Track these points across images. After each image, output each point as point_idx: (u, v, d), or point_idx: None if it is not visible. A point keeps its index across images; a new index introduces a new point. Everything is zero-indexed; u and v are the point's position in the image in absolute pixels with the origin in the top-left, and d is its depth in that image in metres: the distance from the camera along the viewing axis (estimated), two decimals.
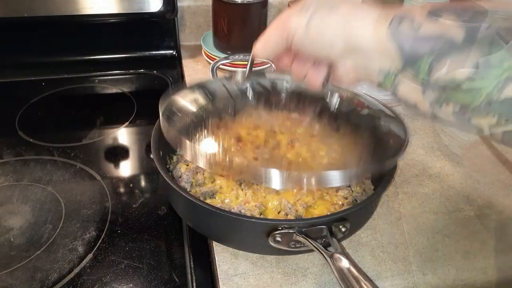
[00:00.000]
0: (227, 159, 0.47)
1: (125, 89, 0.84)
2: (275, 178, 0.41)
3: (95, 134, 0.72)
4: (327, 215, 0.48)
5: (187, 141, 0.45)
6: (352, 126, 0.65)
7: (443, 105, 0.34)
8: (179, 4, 0.89)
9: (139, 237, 0.53)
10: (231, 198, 0.53)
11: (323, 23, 0.36)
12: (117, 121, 0.75)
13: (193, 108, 0.56)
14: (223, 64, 0.80)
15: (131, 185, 0.61)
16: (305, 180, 0.43)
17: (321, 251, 0.42)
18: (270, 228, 0.44)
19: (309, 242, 0.43)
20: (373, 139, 0.59)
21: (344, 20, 0.36)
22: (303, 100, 0.69)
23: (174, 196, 0.52)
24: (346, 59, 0.37)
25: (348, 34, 0.35)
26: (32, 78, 0.85)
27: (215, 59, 0.81)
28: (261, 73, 0.68)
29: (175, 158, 0.61)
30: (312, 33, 0.37)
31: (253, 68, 0.87)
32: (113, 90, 0.84)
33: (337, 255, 0.42)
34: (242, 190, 0.55)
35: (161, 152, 0.55)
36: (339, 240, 0.44)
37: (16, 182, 0.61)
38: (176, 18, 0.90)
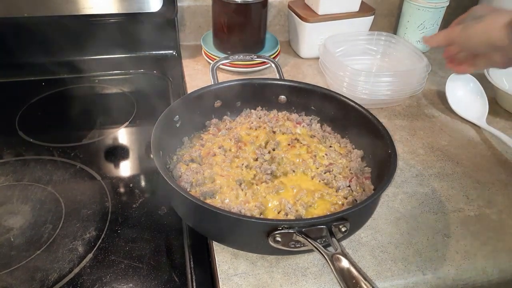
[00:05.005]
0: None
1: (125, 89, 0.84)
2: None
3: (95, 134, 0.71)
4: (327, 215, 0.48)
5: None
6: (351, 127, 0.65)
7: None
8: (179, 4, 0.89)
9: (139, 237, 0.53)
10: (231, 198, 0.53)
11: (472, 30, 0.57)
12: (117, 121, 0.75)
13: None
14: (223, 64, 0.80)
15: (131, 185, 0.61)
16: None
17: (321, 251, 0.42)
18: (270, 228, 0.44)
19: (309, 242, 0.43)
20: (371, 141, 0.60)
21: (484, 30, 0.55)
22: (303, 100, 0.69)
23: (174, 196, 0.52)
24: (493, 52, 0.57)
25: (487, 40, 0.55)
26: (32, 78, 0.85)
27: (215, 59, 0.81)
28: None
29: (175, 158, 0.61)
30: (466, 36, 0.58)
31: (254, 69, 0.87)
32: (113, 90, 0.84)
33: (337, 255, 0.42)
34: (242, 190, 0.55)
35: (161, 152, 0.55)
36: (339, 240, 0.44)
37: (16, 182, 0.61)
38: (176, 18, 0.90)
